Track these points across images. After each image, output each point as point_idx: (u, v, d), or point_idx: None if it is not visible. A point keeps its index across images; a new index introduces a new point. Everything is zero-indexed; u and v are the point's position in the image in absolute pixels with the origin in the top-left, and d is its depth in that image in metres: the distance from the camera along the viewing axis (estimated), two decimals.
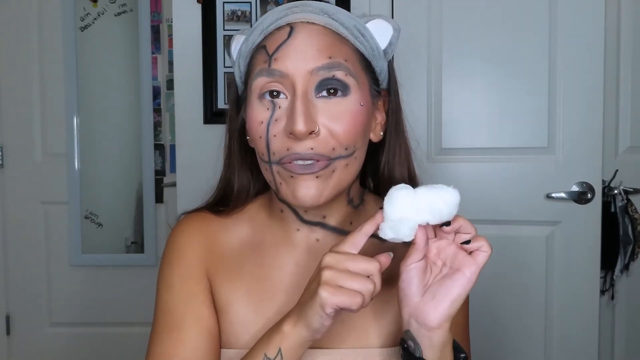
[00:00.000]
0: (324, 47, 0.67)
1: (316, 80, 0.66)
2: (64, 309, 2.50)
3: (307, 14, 0.69)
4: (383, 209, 0.62)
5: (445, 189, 0.61)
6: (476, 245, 0.62)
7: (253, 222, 0.79)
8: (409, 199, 0.60)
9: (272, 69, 0.67)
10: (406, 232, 0.60)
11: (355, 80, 0.68)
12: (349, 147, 0.68)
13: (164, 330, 0.74)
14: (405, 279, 0.63)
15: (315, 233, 0.76)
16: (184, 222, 0.80)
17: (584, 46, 1.63)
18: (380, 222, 0.61)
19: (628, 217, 1.69)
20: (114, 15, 2.48)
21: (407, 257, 0.63)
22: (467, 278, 0.62)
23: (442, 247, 0.64)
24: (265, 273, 0.75)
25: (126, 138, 2.52)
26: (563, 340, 1.67)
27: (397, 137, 0.77)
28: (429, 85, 1.71)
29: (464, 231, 0.63)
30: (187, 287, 0.75)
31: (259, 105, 0.68)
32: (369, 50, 0.72)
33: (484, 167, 1.69)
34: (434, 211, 0.60)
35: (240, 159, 0.78)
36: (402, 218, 0.60)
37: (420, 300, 0.63)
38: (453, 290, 0.62)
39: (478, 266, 0.62)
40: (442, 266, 0.64)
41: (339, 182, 0.69)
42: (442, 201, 0.60)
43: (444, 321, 0.62)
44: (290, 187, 0.68)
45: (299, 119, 0.64)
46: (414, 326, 0.63)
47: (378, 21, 0.73)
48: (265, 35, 0.70)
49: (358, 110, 0.68)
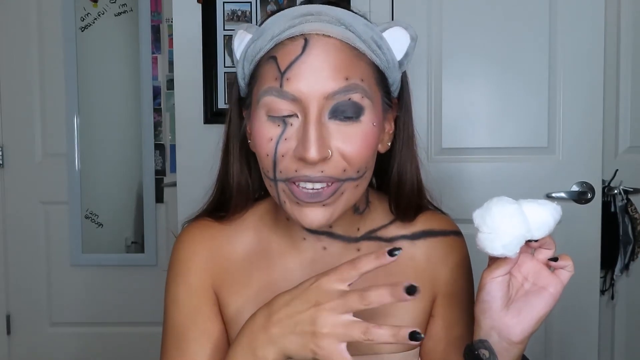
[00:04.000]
0: (340, 66, 0.63)
1: (331, 104, 0.63)
2: (64, 309, 2.50)
3: (323, 24, 0.65)
4: (482, 221, 0.59)
5: (553, 206, 0.60)
6: (563, 263, 0.62)
7: (257, 230, 0.77)
8: (520, 215, 0.59)
9: (284, 91, 0.63)
10: (516, 249, 0.59)
11: (370, 100, 0.65)
12: (360, 169, 0.65)
13: (172, 346, 0.75)
14: (490, 291, 0.62)
15: (322, 242, 0.75)
16: (187, 233, 0.78)
17: (584, 46, 1.63)
18: (385, 263, 0.58)
19: (628, 217, 1.69)
20: (114, 15, 2.48)
21: (494, 269, 0.62)
22: (552, 296, 0.62)
23: (523, 261, 0.63)
24: (273, 282, 0.74)
25: (126, 138, 2.51)
26: (563, 340, 1.67)
27: (407, 150, 0.75)
28: (429, 85, 1.71)
29: (547, 247, 0.62)
30: (192, 302, 0.74)
31: (268, 123, 0.65)
32: (385, 62, 0.68)
33: (484, 167, 1.69)
34: (542, 228, 0.59)
35: (239, 161, 0.76)
36: (513, 234, 0.58)
37: (505, 315, 0.62)
38: (539, 308, 0.62)
39: (563, 285, 0.62)
40: (522, 280, 0.64)
41: (347, 202, 0.67)
42: (552, 219, 0.60)
43: (526, 337, 0.62)
44: (295, 211, 0.66)
45: (312, 147, 0.61)
46: (495, 338, 0.63)
47: (395, 29, 0.69)
48: (276, 43, 0.65)
49: (371, 132, 0.65)
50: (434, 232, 0.78)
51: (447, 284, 0.78)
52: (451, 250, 0.79)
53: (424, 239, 0.78)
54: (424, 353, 0.78)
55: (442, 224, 0.80)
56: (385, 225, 0.78)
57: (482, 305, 0.63)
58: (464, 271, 0.79)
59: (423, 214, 0.79)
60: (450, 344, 0.77)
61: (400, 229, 0.78)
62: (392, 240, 0.77)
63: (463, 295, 0.79)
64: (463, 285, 0.79)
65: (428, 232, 0.78)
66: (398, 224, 0.78)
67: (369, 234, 0.77)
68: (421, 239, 0.78)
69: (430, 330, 0.77)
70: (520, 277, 0.64)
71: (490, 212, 0.59)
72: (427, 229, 0.78)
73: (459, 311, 0.78)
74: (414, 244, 0.77)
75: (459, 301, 0.78)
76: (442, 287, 0.78)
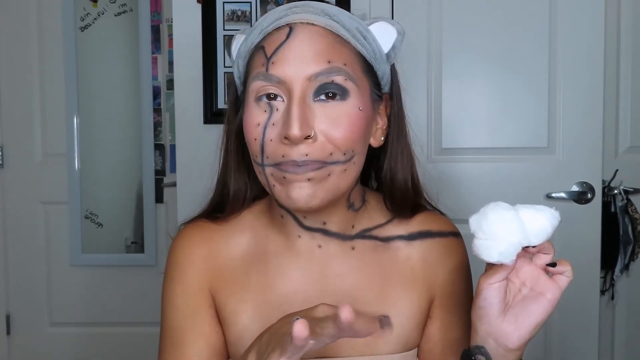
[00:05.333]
0: (323, 50, 0.65)
1: (314, 86, 0.65)
2: (64, 309, 2.50)
3: (308, 14, 0.67)
4: (478, 227, 0.58)
5: (551, 212, 0.59)
6: (561, 269, 0.61)
7: (254, 229, 0.77)
8: (516, 221, 0.57)
9: (269, 74, 0.65)
10: (512, 256, 0.58)
11: (354, 84, 0.67)
12: (347, 152, 0.66)
13: (168, 348, 0.75)
14: (487, 297, 0.61)
15: (317, 239, 0.74)
16: (183, 234, 0.78)
17: (584, 46, 1.63)
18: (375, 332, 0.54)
19: (628, 217, 1.69)
20: (114, 15, 2.48)
21: (491, 275, 0.61)
22: (550, 302, 0.61)
23: (520, 266, 0.62)
24: (270, 282, 0.74)
25: (126, 138, 2.51)
26: (563, 340, 1.67)
27: (399, 143, 0.75)
28: (429, 85, 1.71)
29: (545, 252, 0.61)
30: (188, 303, 0.74)
31: (256, 107, 0.67)
32: (371, 53, 0.70)
33: (484, 167, 1.69)
34: (540, 234, 0.58)
35: (237, 161, 0.76)
36: (510, 241, 0.57)
37: (502, 321, 0.61)
38: (537, 315, 0.61)
39: (561, 291, 0.61)
40: (520, 285, 0.63)
41: (336, 187, 0.67)
42: (550, 225, 0.58)
43: (524, 344, 0.62)
44: (284, 189, 0.66)
45: (294, 124, 0.63)
46: (491, 344, 0.62)
47: (381, 24, 0.71)
48: (264, 35, 0.68)
49: (357, 115, 0.66)
50: (431, 232, 0.78)
51: (445, 285, 0.77)
52: (449, 251, 0.78)
53: (421, 240, 0.77)
54: (422, 354, 0.77)
55: (440, 224, 0.79)
56: (381, 225, 0.77)
57: (478, 312, 0.62)
58: (462, 273, 0.79)
59: (421, 214, 0.79)
60: (448, 346, 0.77)
61: (397, 229, 0.77)
62: (388, 240, 0.76)
63: (461, 298, 0.78)
64: (461, 288, 0.78)
65: (425, 232, 0.78)
66: (395, 224, 0.77)
67: (364, 232, 0.76)
68: (418, 240, 0.77)
69: (428, 331, 0.77)
70: (518, 283, 0.63)
71: (486, 218, 0.58)
72: (424, 230, 0.78)
73: (457, 313, 0.78)
74: (410, 244, 0.77)
75: (457, 303, 0.78)
76: (440, 288, 0.77)
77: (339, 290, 0.74)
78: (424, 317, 0.77)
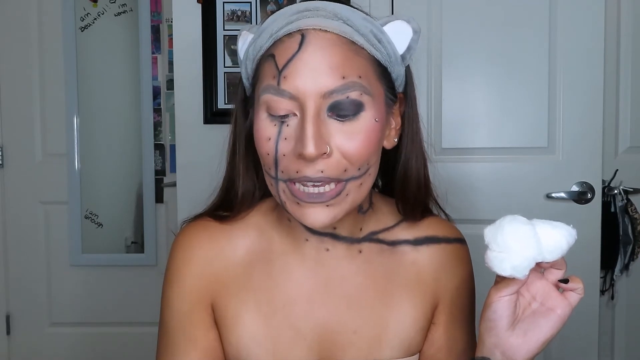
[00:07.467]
0: (337, 63, 0.62)
1: (328, 102, 0.62)
2: (64, 309, 2.50)
3: (320, 19, 0.64)
4: (493, 239, 0.58)
5: (568, 230, 0.58)
6: (573, 286, 0.61)
7: (260, 229, 0.75)
8: (533, 237, 0.57)
9: (281, 90, 0.62)
10: (525, 271, 0.57)
11: (370, 96, 0.64)
12: (362, 167, 0.64)
13: (164, 350, 0.74)
14: (496, 310, 0.61)
15: (325, 243, 0.73)
16: (185, 234, 0.76)
17: (584, 46, 1.63)
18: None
19: (628, 217, 1.69)
20: (114, 15, 2.48)
21: (502, 288, 0.60)
22: (560, 318, 0.61)
23: (532, 280, 0.62)
24: (274, 284, 0.73)
25: (126, 138, 2.51)
26: (563, 340, 1.67)
27: (413, 145, 0.74)
28: (429, 85, 1.71)
29: (558, 267, 0.61)
30: (184, 307, 0.73)
31: (267, 121, 0.65)
32: (386, 57, 0.67)
33: (484, 167, 1.69)
34: (555, 251, 0.57)
35: (245, 163, 0.74)
36: (524, 255, 0.57)
37: (510, 335, 0.61)
38: (545, 330, 0.61)
39: (571, 308, 0.61)
40: (530, 300, 0.62)
41: (352, 203, 0.66)
42: (566, 242, 0.58)
43: (531, 358, 0.61)
44: (297, 211, 0.65)
45: (309, 143, 0.60)
46: (498, 357, 0.62)
47: (397, 23, 0.68)
48: (274, 40, 0.65)
49: (372, 128, 0.64)
50: (437, 238, 0.77)
51: (450, 291, 0.77)
52: (455, 258, 0.78)
53: (427, 245, 0.77)
54: (425, 359, 0.77)
55: (446, 230, 0.79)
56: (388, 228, 0.77)
57: (487, 324, 0.62)
58: (466, 279, 0.79)
59: (427, 219, 0.78)
60: (452, 353, 0.76)
61: (404, 233, 0.77)
62: (395, 244, 0.76)
63: (466, 304, 0.78)
64: (466, 294, 0.78)
65: (431, 238, 0.77)
66: (403, 227, 0.77)
67: (371, 235, 0.76)
68: (424, 245, 0.77)
69: (432, 337, 0.77)
70: (529, 297, 0.62)
71: (502, 231, 0.57)
72: (430, 235, 0.77)
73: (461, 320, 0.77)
74: (416, 249, 0.76)
75: (462, 310, 0.78)
76: (445, 294, 0.77)
77: (343, 293, 0.73)
78: (427, 322, 0.76)
